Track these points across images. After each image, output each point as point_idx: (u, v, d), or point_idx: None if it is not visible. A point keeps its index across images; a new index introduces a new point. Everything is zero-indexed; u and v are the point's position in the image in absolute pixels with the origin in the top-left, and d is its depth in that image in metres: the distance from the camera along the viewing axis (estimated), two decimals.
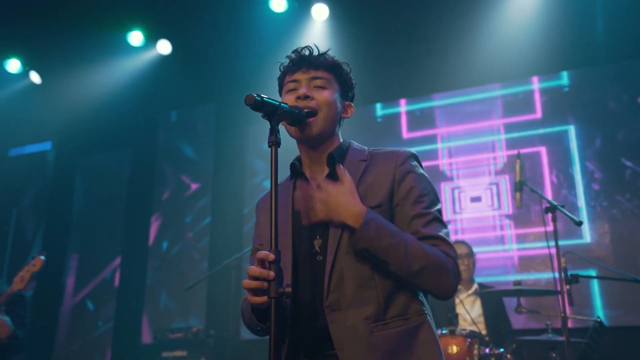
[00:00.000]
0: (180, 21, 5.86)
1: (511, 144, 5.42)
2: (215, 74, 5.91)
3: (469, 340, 3.55)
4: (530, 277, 5.08)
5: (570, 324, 3.85)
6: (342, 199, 1.54)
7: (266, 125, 1.58)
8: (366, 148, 1.80)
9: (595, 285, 4.78)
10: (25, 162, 7.41)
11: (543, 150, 5.32)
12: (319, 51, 1.78)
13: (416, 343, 1.57)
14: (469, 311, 4.39)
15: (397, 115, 5.93)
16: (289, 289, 1.44)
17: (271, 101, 1.55)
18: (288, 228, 1.68)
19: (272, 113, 1.55)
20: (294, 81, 1.75)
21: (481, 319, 4.38)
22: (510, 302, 4.39)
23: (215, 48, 5.98)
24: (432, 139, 5.73)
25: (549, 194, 5.13)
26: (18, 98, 6.56)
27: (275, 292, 1.43)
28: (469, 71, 5.52)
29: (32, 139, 7.32)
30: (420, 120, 5.84)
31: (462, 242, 4.66)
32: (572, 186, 5.16)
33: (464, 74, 5.54)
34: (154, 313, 6.17)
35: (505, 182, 5.36)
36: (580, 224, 3.15)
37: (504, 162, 5.45)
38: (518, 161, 3.85)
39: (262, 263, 1.46)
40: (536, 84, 5.51)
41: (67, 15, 5.66)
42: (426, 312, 1.63)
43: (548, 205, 3.36)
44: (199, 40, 5.99)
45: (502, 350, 3.61)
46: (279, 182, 1.56)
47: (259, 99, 1.51)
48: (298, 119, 1.66)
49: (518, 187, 3.81)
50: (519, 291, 3.66)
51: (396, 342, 1.55)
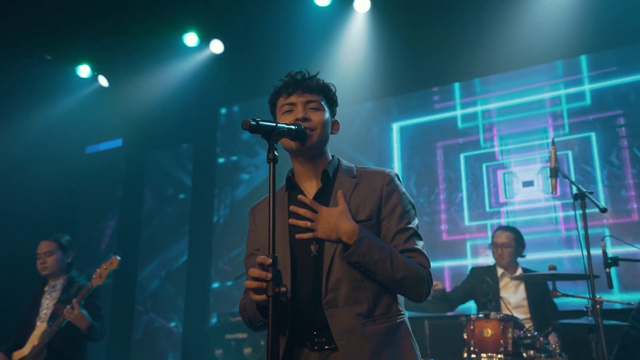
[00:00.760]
0: (230, 21, 6.15)
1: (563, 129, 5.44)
2: (266, 69, 6.18)
3: (502, 324, 3.66)
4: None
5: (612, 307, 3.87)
6: (338, 220, 1.78)
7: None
8: (353, 166, 2.03)
9: None
10: (100, 158, 8.02)
11: (592, 136, 5.30)
12: (309, 75, 1.98)
13: (397, 338, 1.84)
14: (513, 295, 4.47)
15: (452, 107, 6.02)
16: (284, 289, 1.66)
17: (266, 124, 1.75)
18: (286, 234, 1.90)
19: (269, 133, 1.77)
20: (290, 104, 1.95)
21: (525, 303, 4.43)
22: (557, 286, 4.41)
23: (263, 45, 6.24)
24: (488, 128, 5.80)
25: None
26: (90, 100, 7.10)
27: (272, 291, 1.66)
28: (519, 52, 5.52)
29: (105, 137, 7.91)
30: (472, 111, 5.91)
31: (505, 229, 4.66)
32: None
33: (513, 55, 5.54)
34: (218, 297, 6.61)
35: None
36: (604, 210, 3.19)
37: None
38: (553, 147, 3.87)
39: (262, 266, 1.69)
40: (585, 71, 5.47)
41: (128, 23, 6.05)
42: (403, 312, 1.91)
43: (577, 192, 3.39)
44: (248, 38, 6.27)
45: (535, 333, 3.69)
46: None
47: (254, 123, 1.71)
48: (298, 134, 1.87)
49: (553, 173, 3.84)
50: (554, 275, 3.73)
51: (383, 335, 1.81)
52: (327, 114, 1.98)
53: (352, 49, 5.90)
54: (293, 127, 1.85)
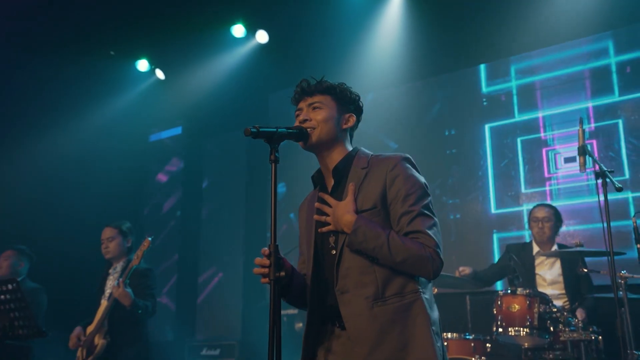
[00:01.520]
0: (275, 13, 6.42)
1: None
2: (308, 57, 6.40)
3: (529, 299, 3.79)
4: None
5: None
6: (341, 213, 1.98)
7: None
8: (370, 154, 2.17)
9: None
10: (163, 145, 8.54)
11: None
12: (314, 81, 2.19)
13: (409, 316, 1.93)
14: (548, 272, 4.55)
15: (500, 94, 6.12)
16: (282, 274, 1.93)
17: (266, 129, 1.99)
18: (312, 228, 2.15)
19: (271, 138, 2.01)
20: (299, 109, 2.18)
21: (560, 279, 4.50)
22: (595, 262, 4.45)
23: (305, 33, 6.46)
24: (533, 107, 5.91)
25: None
26: (149, 92, 7.58)
27: (273, 276, 1.93)
28: (559, 27, 5.55)
29: (166, 125, 8.41)
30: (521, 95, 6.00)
31: (544, 205, 4.74)
32: None
33: (550, 31, 5.58)
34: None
35: (593, 145, 5.49)
36: (620, 189, 3.25)
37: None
38: (580, 126, 3.91)
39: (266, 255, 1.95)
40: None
41: (181, 18, 6.43)
42: (421, 290, 1.96)
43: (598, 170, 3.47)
44: (292, 28, 6.52)
45: (560, 307, 3.80)
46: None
47: (254, 130, 1.96)
48: (299, 135, 2.10)
49: (581, 151, 3.89)
50: (581, 252, 3.81)
51: (392, 314, 1.92)
52: (332, 112, 2.14)
53: (388, 32, 6.02)
54: (294, 129, 2.08)
